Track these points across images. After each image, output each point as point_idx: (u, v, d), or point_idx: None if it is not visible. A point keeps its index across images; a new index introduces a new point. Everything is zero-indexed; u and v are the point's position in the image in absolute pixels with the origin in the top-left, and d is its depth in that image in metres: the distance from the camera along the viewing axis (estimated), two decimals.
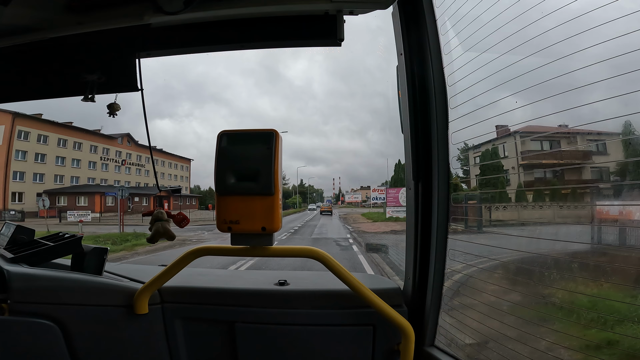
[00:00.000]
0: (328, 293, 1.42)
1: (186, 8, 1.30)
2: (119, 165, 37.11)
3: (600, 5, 0.86)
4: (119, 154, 37.25)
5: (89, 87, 1.49)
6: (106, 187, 33.97)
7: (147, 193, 35.40)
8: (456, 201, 1.39)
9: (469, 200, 1.52)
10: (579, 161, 1.10)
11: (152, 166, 2.32)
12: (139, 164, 39.43)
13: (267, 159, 1.19)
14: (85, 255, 1.50)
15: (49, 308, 1.34)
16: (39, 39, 1.50)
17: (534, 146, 1.26)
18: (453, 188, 1.38)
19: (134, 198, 33.77)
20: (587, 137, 1.08)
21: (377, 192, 35.06)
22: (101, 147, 35.32)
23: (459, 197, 1.45)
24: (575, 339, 0.98)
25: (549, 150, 1.18)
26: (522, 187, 1.42)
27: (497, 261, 1.24)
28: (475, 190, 1.55)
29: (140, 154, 39.12)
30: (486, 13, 1.14)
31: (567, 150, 1.11)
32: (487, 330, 1.23)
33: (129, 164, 38.01)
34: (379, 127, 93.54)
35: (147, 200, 35.23)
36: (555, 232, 1.12)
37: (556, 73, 0.97)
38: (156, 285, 1.36)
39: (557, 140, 1.14)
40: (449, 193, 1.34)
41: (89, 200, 30.56)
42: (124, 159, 37.56)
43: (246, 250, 1.26)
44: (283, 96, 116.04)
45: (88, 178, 33.88)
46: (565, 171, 1.17)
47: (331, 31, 1.42)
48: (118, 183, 36.24)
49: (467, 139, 1.35)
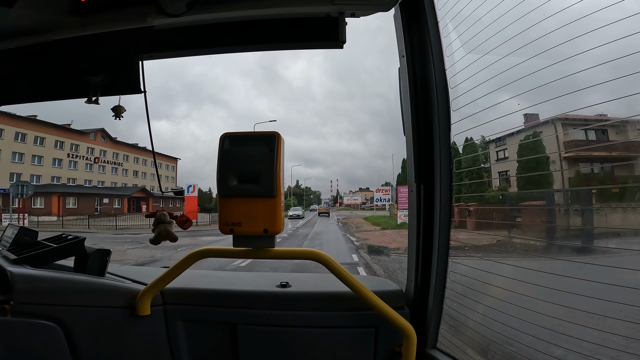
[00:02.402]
0: (330, 295, 1.42)
1: (189, 10, 1.30)
2: (91, 163, 33.76)
3: (603, 7, 0.86)
4: (91, 151, 33.86)
5: (93, 89, 1.50)
6: (75, 187, 31.10)
7: (119, 194, 32.92)
8: (489, 203, 1.27)
9: (524, 201, 1.27)
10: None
11: (155, 169, 2.33)
12: (116, 162, 36.19)
13: (269, 161, 1.19)
14: (88, 256, 1.51)
15: (52, 309, 1.34)
16: (43, 41, 1.51)
17: (578, 136, 1.05)
18: (484, 188, 1.29)
19: (102, 199, 31.20)
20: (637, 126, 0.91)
21: (382, 193, 31.56)
22: (69, 143, 31.46)
23: (494, 198, 1.31)
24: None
25: (612, 142, 0.96)
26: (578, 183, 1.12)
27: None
28: (503, 190, 1.33)
29: (118, 152, 36.15)
30: (488, 15, 1.14)
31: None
32: (489, 332, 1.22)
33: (103, 162, 34.75)
34: (379, 128, 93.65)
35: (119, 202, 32.67)
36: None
37: (559, 75, 0.96)
38: (158, 286, 1.36)
39: (603, 130, 0.97)
40: (452, 195, 1.34)
41: (45, 202, 27.00)
42: (97, 156, 34.25)
43: (248, 252, 1.26)
44: (282, 97, 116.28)
45: (52, 177, 30.26)
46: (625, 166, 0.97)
47: (333, 33, 1.42)
48: (89, 183, 33.25)
49: (486, 132, 1.24)
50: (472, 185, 1.39)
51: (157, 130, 70.97)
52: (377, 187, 33.47)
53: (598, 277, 0.90)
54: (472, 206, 1.40)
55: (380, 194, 31.72)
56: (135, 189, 35.35)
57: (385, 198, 30.47)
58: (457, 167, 1.35)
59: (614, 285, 0.87)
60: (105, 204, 31.16)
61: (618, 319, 0.86)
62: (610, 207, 0.99)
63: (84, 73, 1.49)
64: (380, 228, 20.74)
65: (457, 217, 1.37)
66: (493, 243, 1.32)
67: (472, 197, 1.39)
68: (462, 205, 1.40)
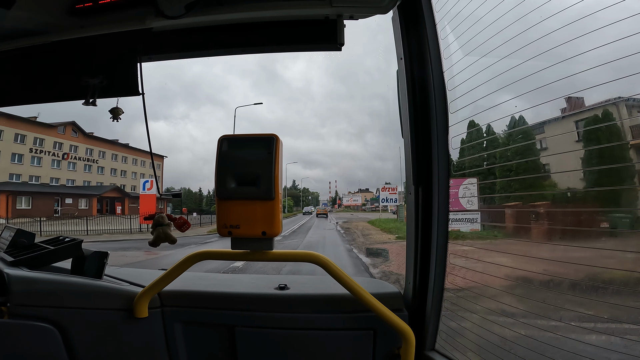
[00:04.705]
0: (328, 297, 1.42)
1: (187, 12, 1.31)
2: (59, 159, 29.29)
3: (605, 6, 0.84)
4: (59, 146, 29.31)
5: (91, 91, 1.50)
6: (31, 185, 26.64)
7: (87, 194, 29.02)
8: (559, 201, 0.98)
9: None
10: None
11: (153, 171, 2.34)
12: (90, 158, 31.66)
13: (267, 163, 1.19)
14: (85, 258, 1.50)
15: (49, 311, 1.33)
16: (41, 43, 1.51)
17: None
18: (549, 183, 1.02)
19: (64, 200, 27.19)
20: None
21: (388, 192, 26.34)
22: (32, 137, 27.15)
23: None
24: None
25: None
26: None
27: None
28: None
29: (92, 147, 31.64)
30: (486, 17, 1.15)
31: None
32: (488, 334, 1.22)
33: (73, 158, 30.35)
34: (378, 129, 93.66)
35: (87, 202, 28.73)
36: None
37: (557, 76, 0.96)
38: (156, 289, 1.36)
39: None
40: (449, 197, 1.34)
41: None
42: (67, 152, 29.79)
43: (246, 254, 1.26)
44: (281, 98, 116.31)
45: (10, 174, 26.32)
46: None
47: (331, 36, 1.42)
48: (57, 181, 28.81)
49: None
50: (525, 181, 1.11)
51: (155, 132, 69.52)
52: (381, 187, 28.10)
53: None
54: (541, 206, 1.08)
55: (386, 193, 26.51)
56: (106, 187, 31.53)
57: (391, 198, 25.87)
58: (490, 160, 1.16)
59: None
60: (68, 204, 27.02)
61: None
62: None
63: (82, 75, 1.49)
64: (395, 237, 15.63)
65: (511, 222, 1.12)
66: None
67: (531, 195, 1.08)
68: (519, 205, 1.14)
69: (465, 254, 1.25)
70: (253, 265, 8.27)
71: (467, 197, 1.49)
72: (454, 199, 1.26)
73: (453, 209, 1.26)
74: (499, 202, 1.26)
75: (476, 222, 1.70)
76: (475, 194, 1.44)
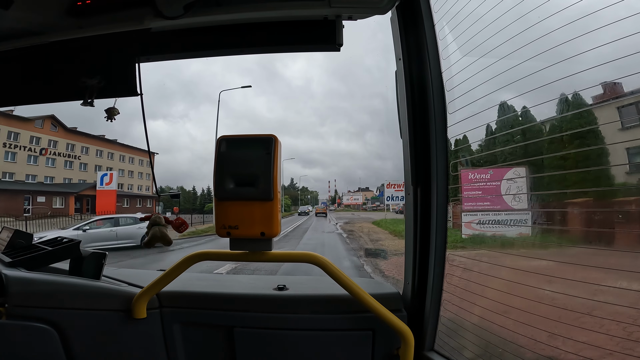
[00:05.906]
0: (327, 298, 1.41)
1: (186, 13, 1.30)
2: (36, 155, 26.97)
3: (605, 5, 0.83)
4: (37, 141, 26.96)
5: (89, 92, 1.50)
6: (7, 182, 24.24)
7: (63, 191, 26.51)
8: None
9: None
10: None
11: (151, 171, 2.32)
12: (71, 154, 29.15)
13: (266, 164, 1.18)
14: (83, 259, 1.49)
15: (47, 312, 1.33)
16: (39, 43, 1.51)
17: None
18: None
19: (36, 198, 24.54)
20: None
21: (394, 189, 22.71)
22: (5, 131, 24.65)
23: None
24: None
25: None
26: None
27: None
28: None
29: (74, 143, 29.11)
30: (484, 17, 1.15)
31: None
32: (487, 334, 1.22)
33: (52, 153, 28.00)
34: (377, 128, 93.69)
35: (63, 201, 26.17)
36: None
37: (556, 76, 0.96)
38: (154, 289, 1.36)
39: None
40: (448, 197, 1.35)
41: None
42: (45, 147, 27.48)
43: (245, 255, 1.26)
44: (280, 96, 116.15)
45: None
46: None
47: (330, 36, 1.42)
48: (34, 179, 26.47)
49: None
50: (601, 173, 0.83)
51: (153, 131, 68.14)
52: (386, 184, 23.99)
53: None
54: (632, 203, 0.79)
55: (392, 190, 23.00)
56: (84, 185, 28.37)
57: (398, 196, 22.68)
58: (537, 150, 0.93)
59: None
60: (40, 203, 24.35)
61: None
62: None
63: (80, 75, 1.49)
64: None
65: (578, 225, 0.83)
66: None
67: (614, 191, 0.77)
68: (590, 203, 0.84)
69: (535, 270, 0.94)
70: (248, 264, 7.97)
71: (517, 188, 1.15)
72: (493, 195, 1.08)
73: (494, 208, 1.06)
74: (555, 199, 0.98)
75: (524, 224, 1.31)
76: (523, 189, 1.14)
